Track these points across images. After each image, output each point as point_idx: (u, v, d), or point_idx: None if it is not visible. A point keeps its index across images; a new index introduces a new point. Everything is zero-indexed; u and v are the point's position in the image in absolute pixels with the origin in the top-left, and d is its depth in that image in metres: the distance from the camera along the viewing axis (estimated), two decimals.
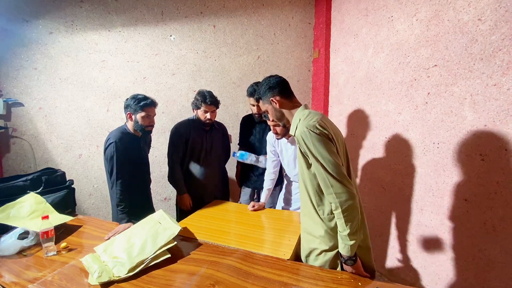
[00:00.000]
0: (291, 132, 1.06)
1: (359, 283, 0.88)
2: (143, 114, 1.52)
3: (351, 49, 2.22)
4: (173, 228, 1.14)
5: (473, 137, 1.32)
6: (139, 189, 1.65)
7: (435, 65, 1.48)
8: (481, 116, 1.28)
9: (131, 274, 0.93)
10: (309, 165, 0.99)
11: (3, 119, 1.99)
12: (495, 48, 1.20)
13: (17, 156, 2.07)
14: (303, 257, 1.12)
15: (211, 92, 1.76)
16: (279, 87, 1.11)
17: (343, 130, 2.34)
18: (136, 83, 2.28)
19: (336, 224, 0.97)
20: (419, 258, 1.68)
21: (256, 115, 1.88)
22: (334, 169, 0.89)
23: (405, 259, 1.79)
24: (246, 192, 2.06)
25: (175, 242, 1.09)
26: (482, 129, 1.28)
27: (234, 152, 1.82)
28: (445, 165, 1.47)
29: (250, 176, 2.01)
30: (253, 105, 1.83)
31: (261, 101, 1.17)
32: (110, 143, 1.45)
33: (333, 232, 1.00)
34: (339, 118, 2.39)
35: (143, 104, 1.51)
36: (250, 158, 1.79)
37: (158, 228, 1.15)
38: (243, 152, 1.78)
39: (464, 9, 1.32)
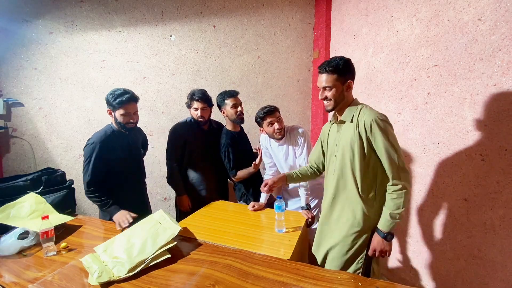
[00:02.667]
0: (346, 118, 1.11)
1: (359, 283, 0.88)
2: (121, 111, 1.41)
3: (351, 49, 2.22)
4: (173, 228, 1.14)
5: (473, 137, 1.32)
6: (131, 187, 1.60)
7: (435, 65, 1.48)
8: (481, 116, 1.28)
9: (131, 274, 0.93)
10: (365, 154, 1.06)
11: (3, 119, 1.99)
12: (495, 48, 1.20)
13: (17, 156, 2.07)
14: (323, 249, 1.23)
15: (203, 90, 1.75)
16: (355, 76, 1.13)
17: None
18: (136, 83, 2.28)
19: (375, 209, 1.10)
20: (419, 258, 1.68)
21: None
22: (402, 155, 1.03)
23: (405, 259, 1.79)
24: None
25: (175, 242, 1.09)
26: (482, 129, 1.28)
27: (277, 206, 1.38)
28: (445, 165, 1.47)
29: (247, 194, 1.88)
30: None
31: (332, 75, 1.05)
32: (89, 144, 1.41)
33: (371, 214, 1.10)
34: None
35: (119, 102, 1.38)
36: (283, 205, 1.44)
37: (158, 228, 1.15)
38: (279, 204, 1.37)
39: (464, 9, 1.32)
